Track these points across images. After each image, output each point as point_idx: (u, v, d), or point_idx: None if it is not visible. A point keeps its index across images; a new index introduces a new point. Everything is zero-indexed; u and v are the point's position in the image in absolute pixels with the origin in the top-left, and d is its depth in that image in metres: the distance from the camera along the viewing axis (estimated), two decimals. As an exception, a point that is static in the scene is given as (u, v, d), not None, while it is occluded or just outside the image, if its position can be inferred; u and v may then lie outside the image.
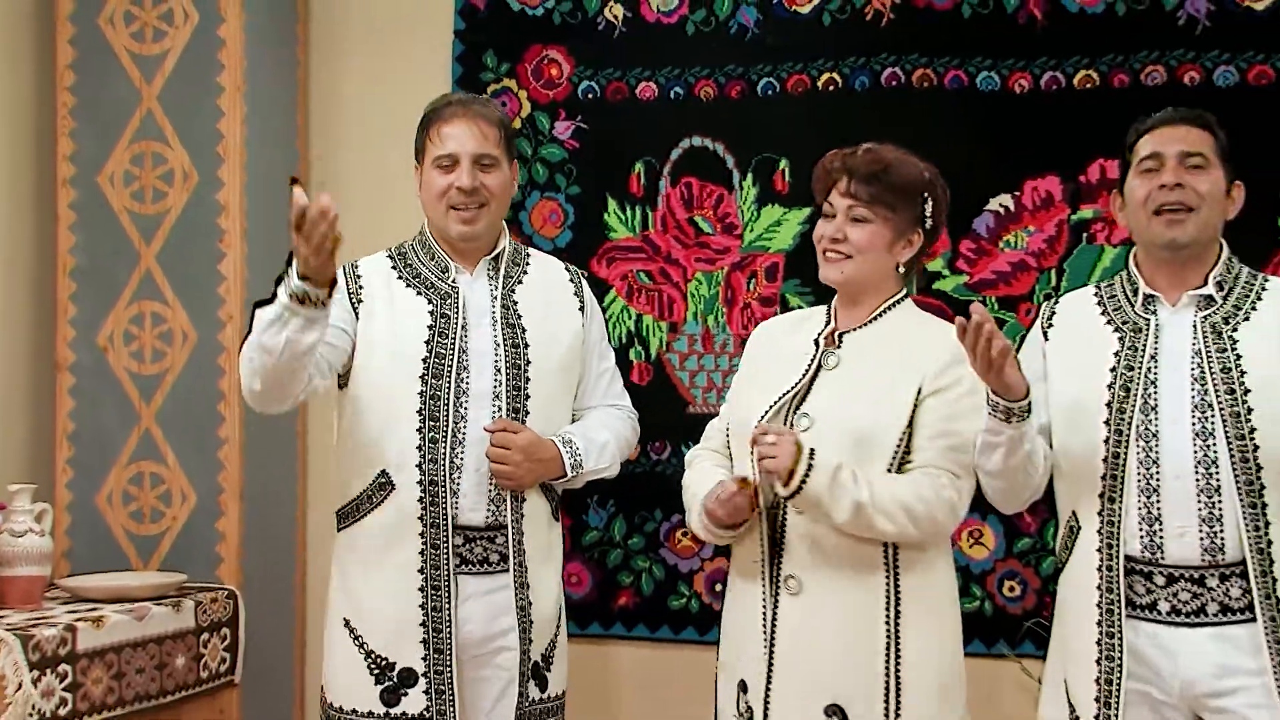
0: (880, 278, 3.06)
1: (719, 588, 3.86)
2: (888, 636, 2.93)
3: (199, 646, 3.77)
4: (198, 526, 4.07)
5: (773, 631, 3.00)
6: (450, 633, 3.17)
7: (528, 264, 3.37)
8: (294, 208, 2.81)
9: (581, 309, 3.39)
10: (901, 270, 3.09)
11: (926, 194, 3.06)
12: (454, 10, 4.33)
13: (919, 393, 2.97)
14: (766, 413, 3.05)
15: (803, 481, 2.88)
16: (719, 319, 4.16)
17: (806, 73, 4.15)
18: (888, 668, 2.91)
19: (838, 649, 2.93)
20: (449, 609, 3.16)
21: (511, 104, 4.28)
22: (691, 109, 4.20)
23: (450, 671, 3.17)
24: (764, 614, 3.02)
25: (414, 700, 3.15)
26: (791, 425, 3.01)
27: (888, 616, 2.94)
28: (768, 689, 2.98)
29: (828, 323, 3.12)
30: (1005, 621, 3.97)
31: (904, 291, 3.12)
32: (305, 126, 4.44)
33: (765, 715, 2.98)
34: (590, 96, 4.26)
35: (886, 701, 2.89)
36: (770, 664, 2.99)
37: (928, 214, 3.07)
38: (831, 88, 4.13)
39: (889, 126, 3.71)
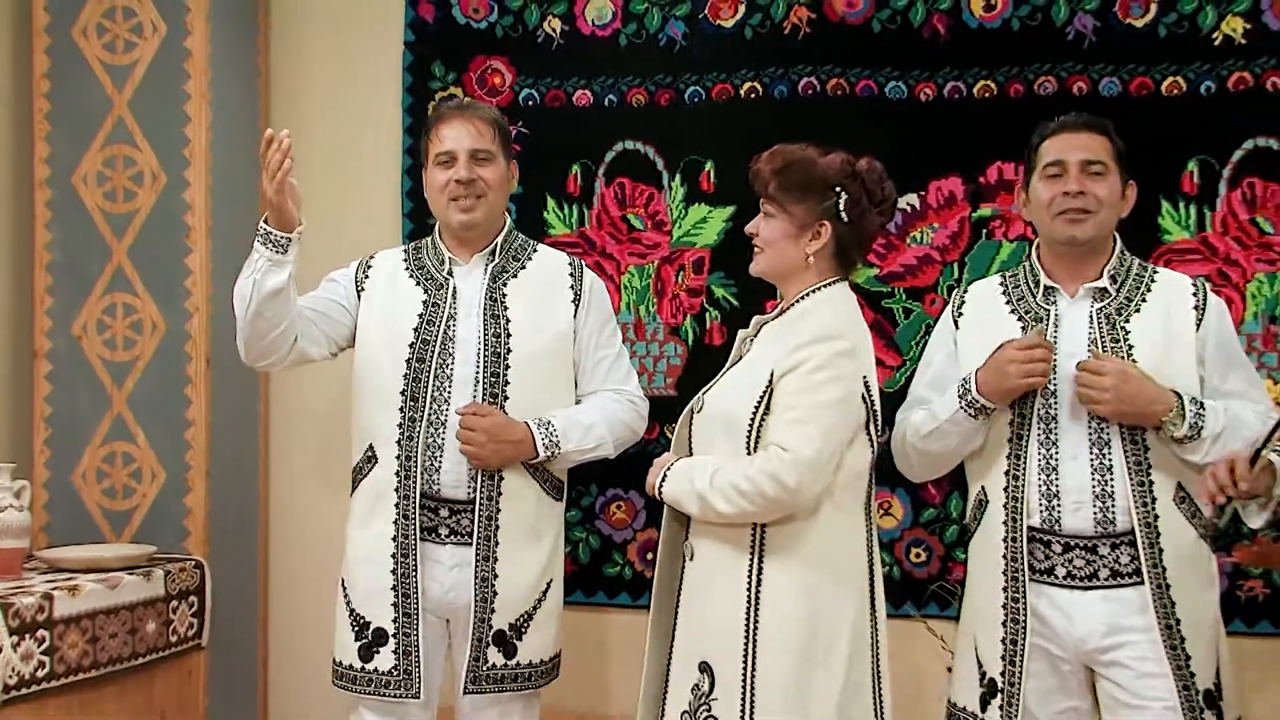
0: (791, 269, 3.08)
1: (650, 556, 4.09)
2: (748, 600, 2.95)
3: (168, 613, 3.85)
4: (166, 502, 4.12)
5: (678, 595, 3.09)
6: (417, 598, 3.24)
7: (530, 258, 3.44)
8: (270, 139, 3.06)
9: (576, 300, 3.43)
10: (811, 260, 3.07)
11: (838, 188, 3.05)
12: (404, 24, 4.40)
13: (772, 375, 2.98)
14: (698, 398, 3.11)
15: (661, 489, 3.03)
16: (650, 309, 4.25)
17: (730, 82, 4.24)
18: (748, 629, 2.94)
19: (712, 611, 2.99)
20: (416, 575, 3.23)
21: None
22: (624, 115, 4.28)
23: (416, 634, 3.24)
24: (675, 580, 3.11)
25: (385, 658, 3.26)
26: (692, 411, 3.10)
27: (749, 581, 2.97)
28: (671, 648, 3.06)
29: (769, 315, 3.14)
30: (912, 585, 4.09)
31: (826, 282, 3.10)
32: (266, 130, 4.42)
33: (668, 670, 3.06)
34: (530, 103, 4.34)
35: (745, 661, 2.93)
36: (675, 625, 3.07)
37: (841, 207, 3.05)
38: (753, 96, 4.21)
39: (805, 132, 3.67)
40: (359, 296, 3.42)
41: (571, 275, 3.45)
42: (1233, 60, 3.99)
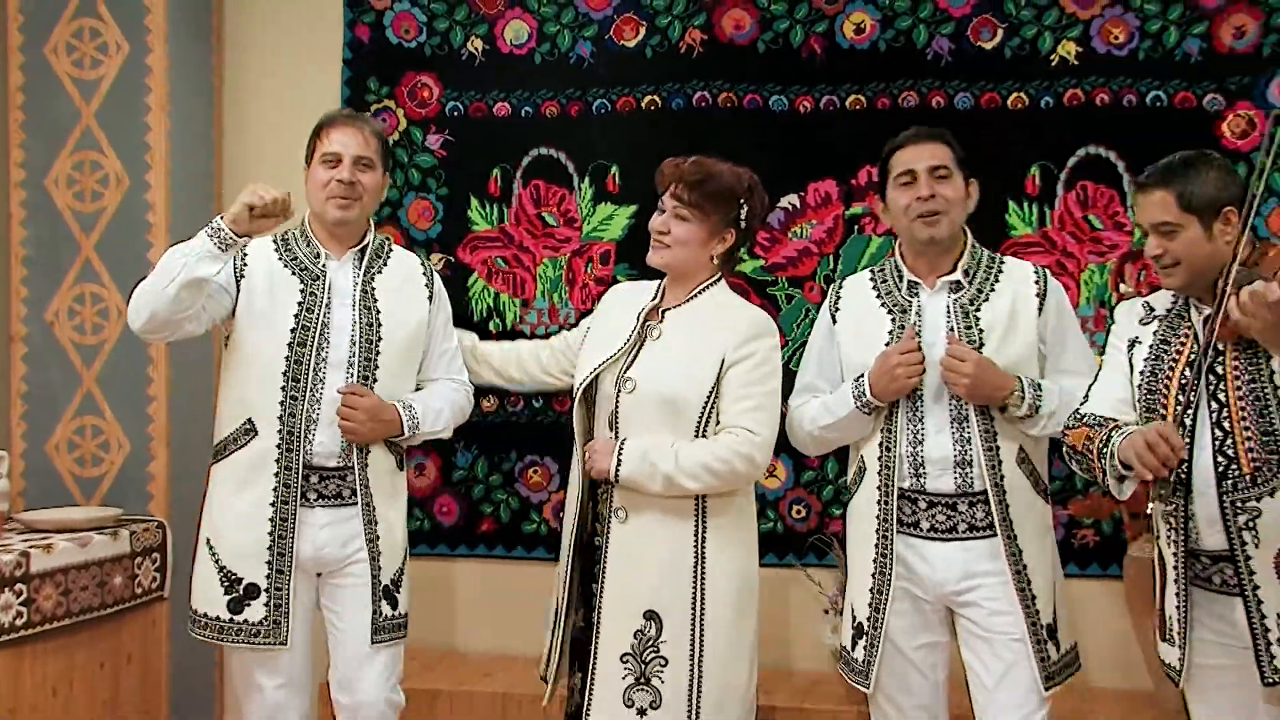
0: (696, 266, 3.28)
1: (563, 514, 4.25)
2: (695, 556, 3.19)
3: (134, 568, 3.94)
4: (131, 469, 4.22)
5: (605, 553, 3.24)
6: (292, 557, 3.33)
7: (389, 257, 3.51)
8: (278, 199, 3.14)
9: (430, 298, 3.52)
10: (716, 261, 3.29)
11: (743, 200, 3.26)
12: (343, 43, 4.57)
13: (722, 363, 3.18)
14: (595, 370, 3.28)
15: (617, 474, 3.16)
16: (562, 296, 4.44)
17: (632, 95, 4.43)
18: (695, 582, 3.18)
19: (656, 567, 3.19)
20: (293, 536, 3.32)
21: (390, 120, 4.51)
22: (539, 124, 4.46)
23: (288, 589, 3.34)
24: (597, 539, 3.27)
25: (255, 610, 3.33)
26: (619, 388, 3.24)
27: (696, 541, 3.20)
28: (600, 598, 3.23)
29: (655, 299, 3.34)
30: (794, 538, 4.35)
31: (719, 275, 3.33)
32: (219, 138, 4.60)
33: (598, 620, 3.23)
34: (455, 114, 4.51)
35: (694, 608, 3.17)
36: (602, 579, 3.23)
37: (743, 217, 3.27)
38: (652, 107, 4.41)
39: (699, 139, 4.06)
40: (238, 283, 3.40)
41: (424, 275, 3.54)
42: (1067, 79, 4.23)
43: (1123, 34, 4.25)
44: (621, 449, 3.15)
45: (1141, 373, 3.01)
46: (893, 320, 3.28)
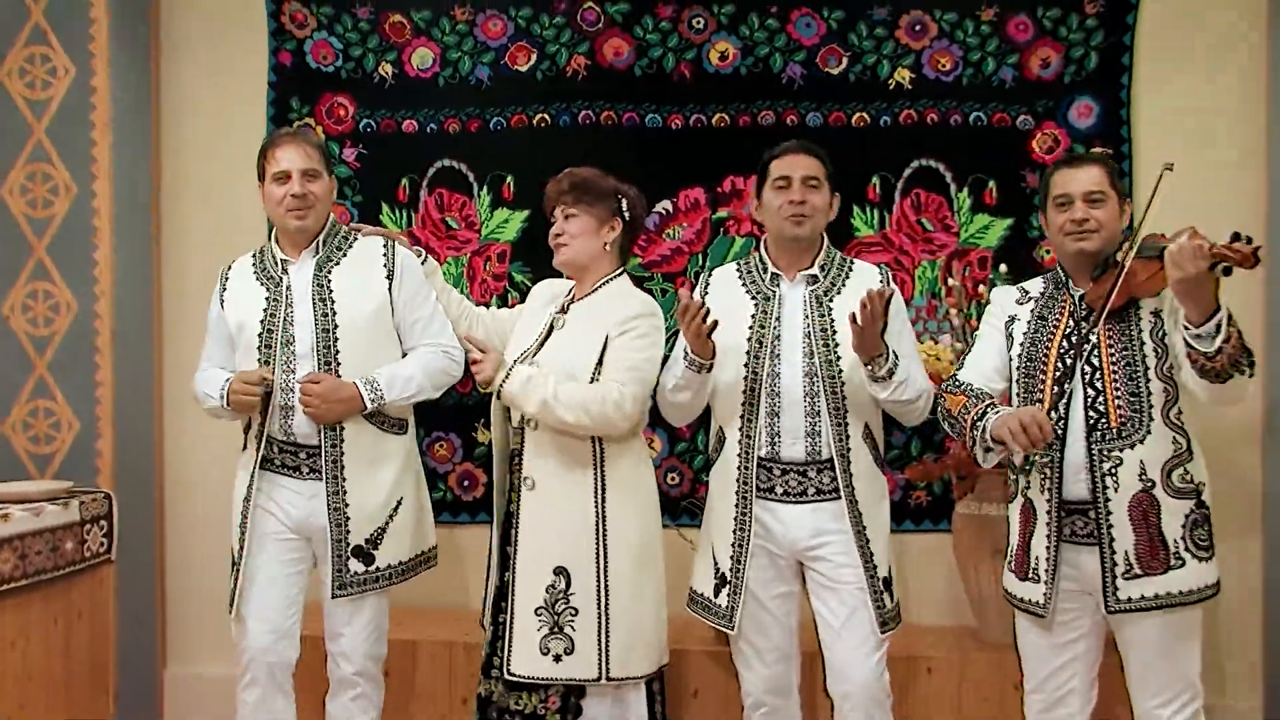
0: (593, 257, 3.40)
1: (466, 484, 4.68)
2: (596, 517, 3.34)
3: (83, 534, 4.04)
4: (81, 446, 4.33)
5: (518, 518, 3.38)
6: (251, 534, 3.49)
7: (350, 247, 3.57)
8: (252, 395, 3.35)
9: (390, 275, 3.55)
10: (608, 248, 3.41)
11: (619, 195, 3.42)
12: (268, 68, 4.70)
13: (606, 339, 3.33)
14: (512, 366, 3.36)
15: (501, 384, 3.29)
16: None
17: (525, 113, 4.60)
18: (598, 539, 3.33)
19: (563, 527, 3.33)
20: (250, 521, 3.51)
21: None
22: (442, 139, 4.60)
23: (243, 562, 3.51)
24: (512, 507, 3.42)
25: (231, 579, 3.58)
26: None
27: (597, 502, 3.35)
28: (514, 559, 3.38)
29: (568, 296, 3.49)
30: (669, 503, 4.31)
31: (619, 271, 3.45)
32: (158, 152, 4.71)
33: (513, 579, 3.37)
34: (368, 130, 4.67)
35: (597, 563, 3.33)
36: (516, 541, 3.37)
37: (624, 208, 3.42)
38: (543, 124, 4.60)
39: (584, 152, 4.26)
40: (224, 308, 3.59)
41: (385, 255, 3.58)
42: (903, 101, 4.50)
43: (949, 63, 4.53)
44: (511, 369, 3.26)
45: (1021, 344, 3.16)
46: (755, 305, 3.39)
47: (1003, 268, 4.37)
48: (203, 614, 4.64)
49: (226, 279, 3.61)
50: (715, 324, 3.16)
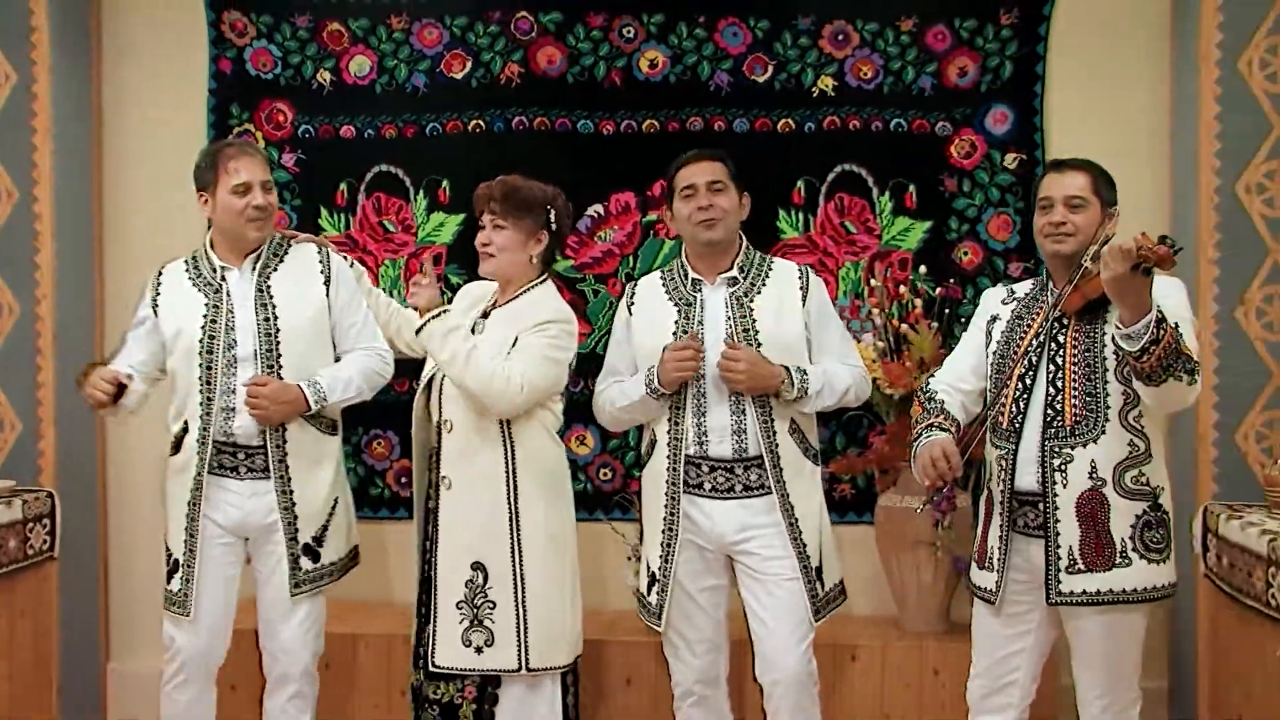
0: (519, 269, 3.46)
1: (404, 480, 4.69)
2: (510, 513, 3.42)
3: (26, 532, 4.07)
4: (24, 446, 4.36)
5: (436, 516, 3.45)
6: (199, 535, 3.50)
7: (287, 254, 3.60)
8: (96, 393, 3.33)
9: (327, 281, 3.59)
10: (533, 260, 3.46)
11: (549, 206, 3.44)
12: (207, 75, 4.73)
13: (516, 340, 3.41)
14: (435, 367, 3.44)
15: (430, 320, 3.33)
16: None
17: (460, 119, 4.63)
18: (512, 534, 3.42)
19: (478, 523, 3.41)
20: (200, 518, 3.52)
21: (250, 140, 4.56)
22: (379, 144, 4.65)
23: (196, 564, 3.52)
24: (431, 504, 3.50)
25: (175, 582, 3.57)
26: (444, 376, 3.41)
27: (509, 498, 3.43)
28: (435, 555, 3.46)
29: (491, 301, 3.54)
30: (602, 497, 4.66)
31: (541, 278, 3.51)
32: (99, 158, 4.75)
33: (434, 575, 3.45)
34: (307, 136, 4.70)
35: (513, 556, 3.42)
36: (435, 538, 3.45)
37: (552, 220, 3.46)
38: (477, 130, 4.64)
39: (517, 157, 4.32)
40: (156, 312, 3.59)
41: (321, 263, 3.62)
42: (826, 108, 4.57)
43: (870, 71, 4.59)
44: (443, 311, 3.32)
45: (998, 342, 3.20)
46: (678, 312, 3.46)
47: (922, 269, 4.49)
48: (145, 611, 4.63)
49: (160, 284, 3.63)
50: (700, 366, 3.32)
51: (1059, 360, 3.10)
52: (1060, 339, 3.12)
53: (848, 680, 4.21)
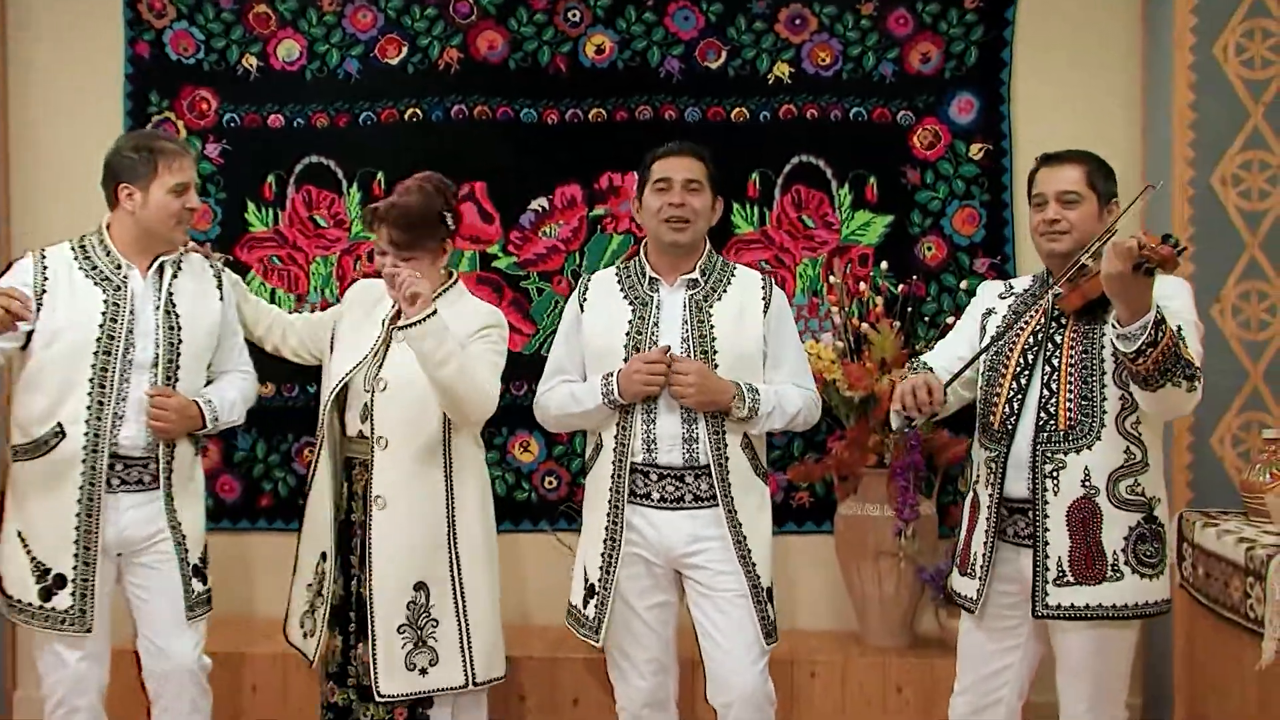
0: (430, 287, 3.34)
1: (268, 486, 4.61)
2: (449, 527, 3.39)
3: None
4: None
5: (369, 536, 3.36)
6: (97, 548, 3.36)
7: (183, 261, 3.52)
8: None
9: (221, 297, 3.55)
10: (442, 270, 3.43)
11: (444, 212, 3.37)
12: (123, 60, 4.62)
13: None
14: (347, 375, 3.39)
15: (428, 316, 3.15)
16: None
17: (395, 108, 4.53)
18: (451, 550, 3.39)
19: (417, 543, 3.35)
20: (98, 530, 3.36)
21: (171, 130, 4.51)
22: (310, 134, 4.55)
23: (94, 578, 3.38)
24: (353, 517, 3.42)
25: (63, 599, 3.38)
26: (373, 388, 3.34)
27: (448, 514, 3.40)
28: (369, 578, 3.36)
29: (395, 306, 3.37)
30: (547, 507, 4.55)
31: (453, 279, 3.46)
32: (7, 148, 4.66)
33: (370, 599, 3.35)
34: (232, 125, 4.60)
35: (452, 573, 3.39)
36: (369, 561, 3.36)
37: (450, 225, 3.39)
38: (414, 119, 4.52)
39: (456, 148, 4.42)
40: (40, 299, 3.38)
41: (215, 276, 3.55)
42: (782, 96, 4.50)
43: (829, 57, 4.53)
44: (436, 312, 3.19)
45: (992, 338, 3.15)
46: (633, 312, 3.34)
47: (883, 265, 4.43)
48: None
49: (45, 269, 3.44)
50: (662, 381, 3.23)
51: (1055, 361, 3.05)
52: (1058, 339, 3.07)
53: (806, 699, 4.15)
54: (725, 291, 3.37)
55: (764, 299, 3.38)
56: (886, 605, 4.29)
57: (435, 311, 3.16)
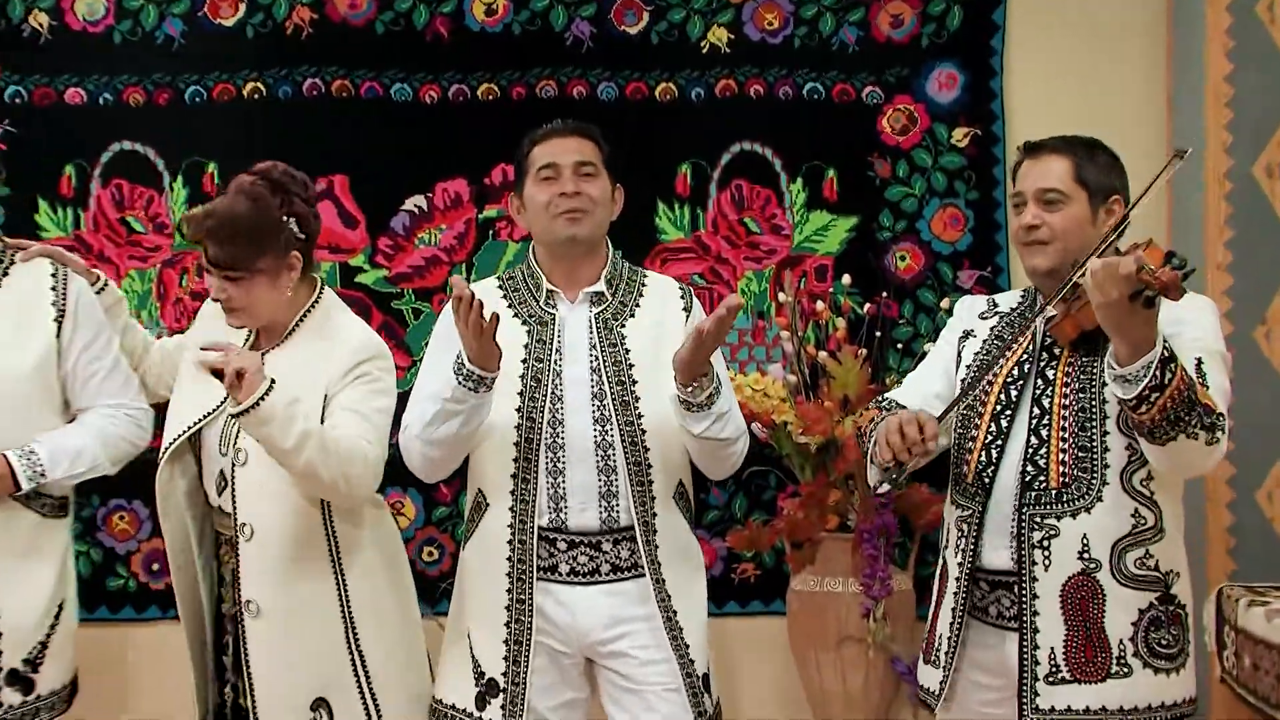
0: (277, 308, 3.16)
1: (156, 567, 4.23)
2: (347, 629, 3.10)
3: None
4: None
5: (245, 649, 3.11)
6: None
7: (4, 275, 3.32)
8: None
9: (60, 316, 3.30)
10: (291, 290, 3.15)
11: (286, 216, 3.13)
12: None
13: (326, 397, 3.08)
14: (192, 426, 3.11)
15: (263, 396, 2.88)
16: (153, 313, 4.21)
17: (232, 82, 4.22)
18: (354, 656, 3.11)
19: (309, 650, 3.09)
20: None
21: None
22: (120, 114, 4.22)
23: None
24: (224, 607, 3.15)
25: None
26: (232, 460, 3.10)
27: (343, 612, 3.11)
28: (253, 702, 3.09)
29: (248, 340, 3.19)
30: (426, 585, 3.91)
31: (315, 297, 3.22)
32: None
33: (250, 711, 3.09)
34: (18, 101, 4.23)
35: (359, 682, 3.09)
36: (249, 678, 3.10)
37: (296, 230, 3.13)
38: (256, 96, 4.21)
39: (310, 133, 4.11)
40: None
41: (54, 289, 3.28)
42: (719, 68, 4.24)
43: (777, 20, 4.32)
44: (273, 384, 2.93)
45: (969, 366, 3.05)
46: (529, 333, 3.16)
47: (845, 279, 4.21)
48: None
49: None
50: (496, 318, 2.89)
51: (1045, 402, 2.89)
52: (1049, 374, 2.90)
53: (752, 810, 4.08)
54: (638, 305, 3.23)
55: (685, 309, 3.24)
56: (852, 702, 4.10)
57: (272, 385, 2.89)
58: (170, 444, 3.16)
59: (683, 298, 3.24)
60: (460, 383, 2.99)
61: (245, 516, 3.11)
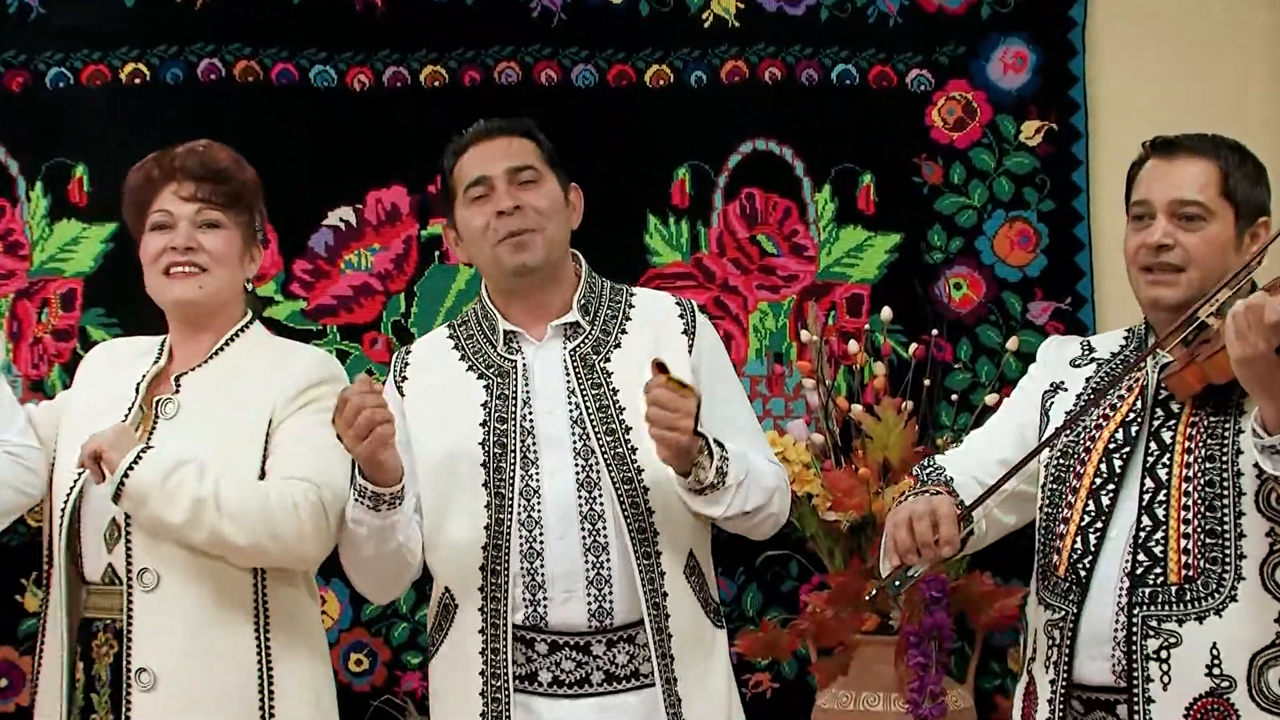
0: (230, 298, 2.92)
1: (4, 685, 3.84)
2: (263, 708, 2.84)
3: None
4: None
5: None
6: None
7: None
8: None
9: None
10: (246, 287, 2.97)
11: (255, 203, 2.98)
12: None
13: (270, 424, 2.85)
14: (75, 490, 2.82)
15: (126, 473, 2.69)
16: (6, 357, 3.85)
17: (107, 62, 3.85)
18: None
19: None
20: None
21: None
22: None
23: None
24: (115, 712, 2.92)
25: None
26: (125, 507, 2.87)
27: (261, 700, 2.84)
28: None
29: (157, 360, 2.89)
30: (352, 701, 3.67)
31: (249, 317, 2.99)
32: None
33: None
34: None
35: None
36: None
37: (258, 227, 2.96)
38: (138, 80, 3.84)
39: (208, 126, 3.44)
40: None
41: None
42: (726, 46, 3.88)
43: None
44: (144, 450, 2.78)
45: (1061, 429, 2.91)
46: (489, 389, 2.89)
47: (886, 312, 3.85)
48: None
49: None
50: (389, 422, 2.67)
51: (1162, 473, 2.65)
52: (1166, 437, 2.67)
53: None
54: (623, 332, 2.98)
55: (685, 331, 2.99)
56: None
57: (140, 456, 2.71)
58: (67, 502, 2.85)
59: (682, 316, 2.95)
60: (355, 501, 2.79)
61: (147, 561, 2.86)
